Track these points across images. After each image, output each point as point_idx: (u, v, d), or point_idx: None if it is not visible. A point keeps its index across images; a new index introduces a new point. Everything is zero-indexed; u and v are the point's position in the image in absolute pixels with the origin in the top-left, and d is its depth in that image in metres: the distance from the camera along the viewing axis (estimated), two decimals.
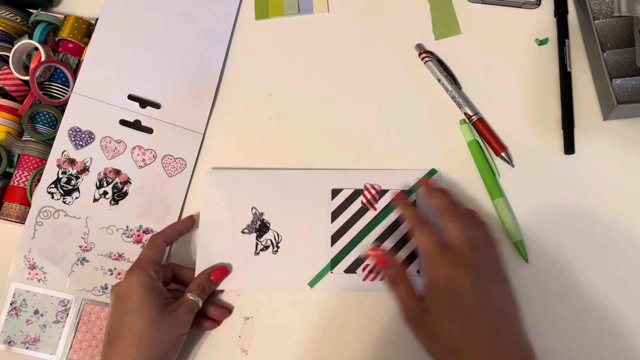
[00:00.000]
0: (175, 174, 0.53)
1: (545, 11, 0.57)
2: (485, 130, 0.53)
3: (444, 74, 0.55)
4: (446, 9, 0.58)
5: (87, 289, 0.50)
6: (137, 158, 0.53)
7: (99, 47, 0.55)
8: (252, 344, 0.50)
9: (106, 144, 0.53)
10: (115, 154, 0.53)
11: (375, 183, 0.52)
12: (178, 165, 0.53)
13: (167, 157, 0.53)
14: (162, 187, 0.53)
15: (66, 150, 0.52)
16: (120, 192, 0.52)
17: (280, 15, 0.60)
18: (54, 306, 0.50)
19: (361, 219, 0.51)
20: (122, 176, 0.52)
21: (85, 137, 0.52)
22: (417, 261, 0.49)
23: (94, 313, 0.50)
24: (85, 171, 0.52)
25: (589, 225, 0.50)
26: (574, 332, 0.47)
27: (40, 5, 0.61)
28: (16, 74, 0.55)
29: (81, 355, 0.49)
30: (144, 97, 0.54)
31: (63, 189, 0.51)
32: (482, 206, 0.51)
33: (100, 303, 0.50)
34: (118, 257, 0.51)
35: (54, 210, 0.51)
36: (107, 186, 0.52)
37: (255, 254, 0.51)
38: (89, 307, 0.50)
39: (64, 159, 0.52)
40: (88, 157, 0.52)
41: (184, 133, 0.54)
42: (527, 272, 0.49)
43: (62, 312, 0.50)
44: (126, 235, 0.52)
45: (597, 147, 0.52)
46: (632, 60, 0.51)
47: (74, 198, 0.52)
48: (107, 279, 0.51)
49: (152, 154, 0.53)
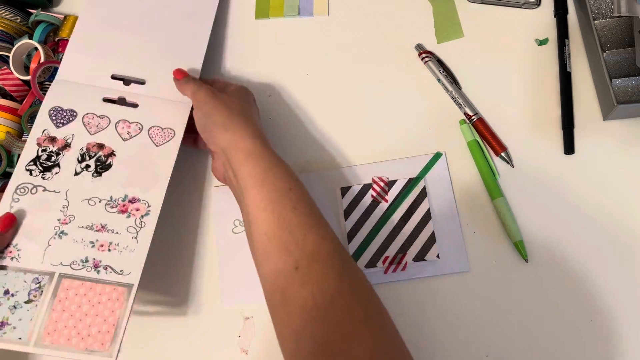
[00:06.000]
0: (163, 142, 0.51)
1: (545, 11, 0.57)
2: (485, 130, 0.53)
3: (444, 74, 0.55)
4: (449, 13, 0.58)
5: (65, 262, 0.46)
6: (121, 131, 0.51)
7: (81, 35, 0.55)
8: (252, 344, 0.50)
9: (89, 120, 0.51)
10: (99, 129, 0.51)
11: (382, 175, 0.52)
12: (166, 135, 0.51)
13: (155, 128, 0.51)
14: (149, 156, 0.50)
15: (47, 129, 0.50)
16: (103, 165, 0.49)
17: (280, 16, 0.60)
18: (26, 284, 0.45)
19: (374, 212, 0.51)
20: (105, 150, 0.50)
21: (66, 116, 0.51)
22: (436, 245, 0.49)
23: (72, 289, 0.45)
24: (67, 147, 0.50)
25: (589, 225, 0.50)
26: (574, 332, 0.47)
27: (40, 5, 0.61)
28: (16, 74, 0.55)
29: (56, 338, 0.43)
30: (127, 76, 0.53)
31: (42, 165, 0.49)
32: (482, 206, 0.51)
33: (80, 278, 0.45)
34: (101, 229, 0.47)
35: (31, 187, 0.48)
36: (89, 160, 0.49)
37: None
38: (66, 282, 0.45)
39: (44, 137, 0.50)
40: (70, 134, 0.50)
41: (172, 104, 0.53)
42: (527, 272, 0.49)
43: (36, 289, 0.45)
44: (110, 206, 0.48)
45: (597, 147, 0.52)
46: (632, 60, 0.51)
47: (53, 173, 0.49)
48: (88, 251, 0.46)
49: (137, 126, 0.51)
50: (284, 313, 0.39)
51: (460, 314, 0.48)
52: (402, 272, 0.49)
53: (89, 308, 0.44)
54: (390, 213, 0.51)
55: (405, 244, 0.50)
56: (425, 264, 0.49)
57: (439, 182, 0.52)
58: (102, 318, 0.44)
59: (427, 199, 0.51)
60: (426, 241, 0.50)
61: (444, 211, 0.51)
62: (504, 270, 0.49)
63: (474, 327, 0.48)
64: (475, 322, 0.48)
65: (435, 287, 0.49)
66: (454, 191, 0.52)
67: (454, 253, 0.50)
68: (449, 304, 0.49)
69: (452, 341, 0.47)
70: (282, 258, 0.40)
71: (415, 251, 0.49)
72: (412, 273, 0.49)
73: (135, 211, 0.48)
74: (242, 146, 0.45)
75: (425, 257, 0.49)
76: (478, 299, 0.49)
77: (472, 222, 0.51)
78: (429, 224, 0.50)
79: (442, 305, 0.49)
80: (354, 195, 0.52)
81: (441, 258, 0.49)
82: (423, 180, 0.52)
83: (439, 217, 0.51)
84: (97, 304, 0.44)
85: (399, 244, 0.50)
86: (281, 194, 0.42)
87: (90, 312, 0.44)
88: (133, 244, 0.47)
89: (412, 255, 0.49)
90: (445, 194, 0.51)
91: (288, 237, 0.40)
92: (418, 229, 0.50)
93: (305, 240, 0.40)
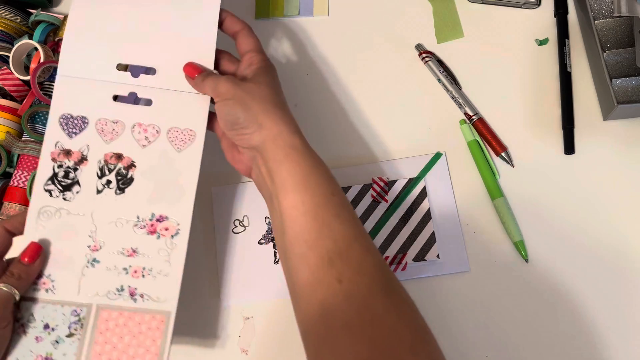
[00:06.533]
0: (184, 147, 0.46)
1: (545, 11, 0.57)
2: (485, 130, 0.53)
3: (444, 74, 0.55)
4: (449, 13, 0.58)
5: (101, 293, 0.44)
6: (138, 137, 0.46)
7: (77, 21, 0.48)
8: (252, 344, 0.50)
9: (102, 127, 0.46)
10: (114, 136, 0.46)
11: (382, 175, 0.52)
12: (187, 137, 0.46)
13: (173, 130, 0.46)
14: (172, 165, 0.46)
15: (59, 141, 0.46)
16: (125, 179, 0.46)
17: (280, 16, 0.60)
18: (65, 317, 0.43)
19: (374, 212, 0.51)
20: (124, 160, 0.46)
21: (78, 124, 0.46)
22: (436, 245, 0.50)
23: (112, 320, 0.43)
24: (84, 161, 0.46)
25: (589, 225, 0.50)
26: (574, 333, 0.47)
27: (40, 5, 0.61)
28: (16, 74, 0.55)
29: None
30: (134, 64, 0.47)
31: (61, 184, 0.45)
32: (482, 206, 0.51)
33: (118, 308, 0.44)
34: (132, 253, 0.45)
35: (54, 210, 0.45)
36: (109, 174, 0.46)
37: (275, 263, 0.51)
38: (105, 313, 0.43)
39: (58, 150, 0.46)
40: (84, 145, 0.46)
41: (189, 98, 0.47)
42: (527, 272, 0.49)
43: (76, 322, 0.43)
44: (138, 227, 0.45)
45: (597, 147, 0.52)
46: (632, 60, 0.51)
47: (74, 193, 0.45)
48: (123, 278, 0.44)
49: (154, 129, 0.47)
50: (322, 327, 0.36)
51: (460, 314, 0.48)
52: (402, 272, 0.49)
53: (130, 339, 0.42)
54: (390, 213, 0.51)
55: (405, 244, 0.50)
56: (425, 264, 0.50)
57: (439, 182, 0.52)
58: (144, 348, 0.42)
59: (427, 199, 0.51)
60: (426, 241, 0.50)
61: (444, 211, 0.51)
62: (504, 270, 0.49)
63: (474, 327, 0.48)
64: (475, 322, 0.48)
65: (435, 287, 0.49)
66: (454, 191, 0.52)
67: (454, 253, 0.50)
68: (449, 304, 0.49)
69: (452, 341, 0.47)
70: (323, 268, 0.36)
71: (415, 251, 0.50)
72: (412, 273, 0.49)
73: (165, 231, 0.45)
74: (281, 143, 0.40)
75: (425, 257, 0.49)
76: (478, 299, 0.49)
77: (472, 222, 0.51)
78: (429, 224, 0.50)
79: (442, 305, 0.49)
80: (354, 195, 0.52)
81: (441, 258, 0.49)
82: (423, 180, 0.52)
83: (439, 217, 0.51)
84: (138, 334, 0.43)
85: (399, 244, 0.50)
86: (324, 199, 0.39)
87: (132, 342, 0.42)
88: (166, 268, 0.44)
89: (412, 255, 0.49)
90: (445, 194, 0.51)
91: (331, 246, 0.37)
92: (418, 229, 0.50)
93: (350, 251, 0.37)
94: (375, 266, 0.37)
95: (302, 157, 0.40)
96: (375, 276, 0.37)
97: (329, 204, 0.38)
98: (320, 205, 0.38)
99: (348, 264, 0.36)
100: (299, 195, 0.38)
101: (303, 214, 0.38)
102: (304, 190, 0.39)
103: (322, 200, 0.38)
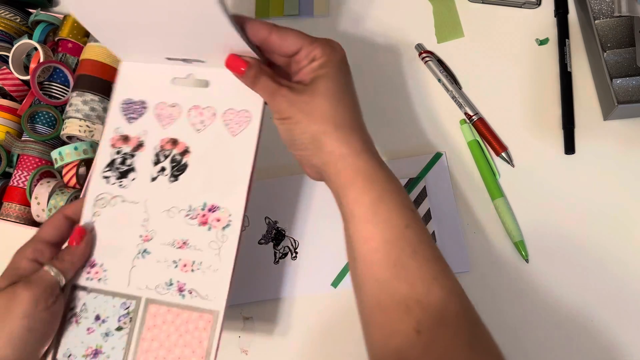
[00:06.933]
0: (239, 131, 0.43)
1: (546, 11, 0.57)
2: (486, 130, 0.53)
3: (444, 73, 0.55)
4: (449, 13, 0.58)
5: (151, 286, 0.41)
6: (194, 121, 0.44)
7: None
8: (252, 344, 0.49)
9: (160, 111, 0.44)
10: (171, 121, 0.44)
11: None
12: (242, 120, 0.43)
13: (229, 112, 0.43)
14: (226, 151, 0.43)
15: (120, 126, 0.44)
16: (179, 165, 0.43)
17: (280, 16, 0.60)
18: (115, 309, 0.41)
19: None
20: (179, 146, 0.44)
21: (138, 108, 0.45)
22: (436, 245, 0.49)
23: (159, 316, 0.41)
24: (141, 147, 0.44)
25: (589, 225, 0.50)
26: (575, 333, 0.47)
27: (40, 5, 0.61)
28: (16, 74, 0.55)
29: None
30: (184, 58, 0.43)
31: (119, 170, 0.44)
32: (482, 206, 0.51)
33: (166, 303, 0.41)
34: (182, 245, 0.42)
35: (110, 197, 0.43)
36: (164, 160, 0.43)
37: (275, 263, 0.51)
38: (153, 308, 0.41)
39: (118, 136, 0.44)
40: (142, 130, 0.44)
41: None
42: (527, 272, 0.49)
43: (125, 316, 0.41)
44: (189, 217, 0.42)
45: (597, 147, 0.52)
46: (633, 60, 0.51)
47: (130, 180, 0.43)
48: (172, 272, 0.41)
49: (211, 112, 0.44)
50: None
51: None
52: None
53: (177, 338, 0.40)
54: None
55: None
56: None
57: (439, 182, 0.52)
58: (191, 349, 0.39)
59: (427, 199, 0.51)
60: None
61: (444, 211, 0.51)
62: (504, 270, 0.49)
63: None
64: None
65: None
66: (454, 191, 0.52)
67: (454, 253, 0.50)
68: None
69: None
70: (399, 315, 0.33)
71: None
72: None
73: (216, 222, 0.42)
74: (344, 166, 0.36)
75: None
76: (478, 299, 0.48)
77: (472, 222, 0.51)
78: (429, 224, 0.50)
79: None
80: None
81: None
82: (423, 180, 0.52)
83: (439, 217, 0.51)
84: (184, 333, 0.40)
85: None
86: (397, 234, 0.34)
87: (178, 342, 0.40)
88: (216, 262, 0.41)
89: None
90: (445, 194, 0.51)
91: (407, 290, 0.33)
92: None
93: (429, 295, 0.33)
94: (458, 313, 0.33)
95: (370, 183, 0.35)
96: (458, 325, 0.33)
97: (401, 240, 0.34)
98: (391, 242, 0.34)
99: (426, 311, 0.32)
100: (368, 228, 0.35)
101: (375, 251, 0.34)
102: (373, 223, 0.35)
103: (394, 235, 0.34)
